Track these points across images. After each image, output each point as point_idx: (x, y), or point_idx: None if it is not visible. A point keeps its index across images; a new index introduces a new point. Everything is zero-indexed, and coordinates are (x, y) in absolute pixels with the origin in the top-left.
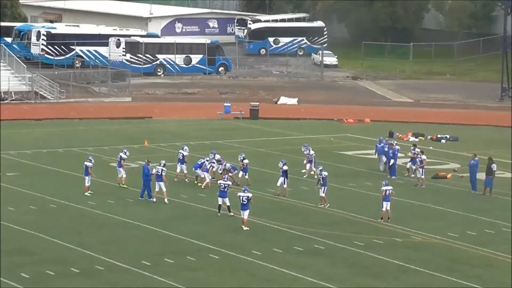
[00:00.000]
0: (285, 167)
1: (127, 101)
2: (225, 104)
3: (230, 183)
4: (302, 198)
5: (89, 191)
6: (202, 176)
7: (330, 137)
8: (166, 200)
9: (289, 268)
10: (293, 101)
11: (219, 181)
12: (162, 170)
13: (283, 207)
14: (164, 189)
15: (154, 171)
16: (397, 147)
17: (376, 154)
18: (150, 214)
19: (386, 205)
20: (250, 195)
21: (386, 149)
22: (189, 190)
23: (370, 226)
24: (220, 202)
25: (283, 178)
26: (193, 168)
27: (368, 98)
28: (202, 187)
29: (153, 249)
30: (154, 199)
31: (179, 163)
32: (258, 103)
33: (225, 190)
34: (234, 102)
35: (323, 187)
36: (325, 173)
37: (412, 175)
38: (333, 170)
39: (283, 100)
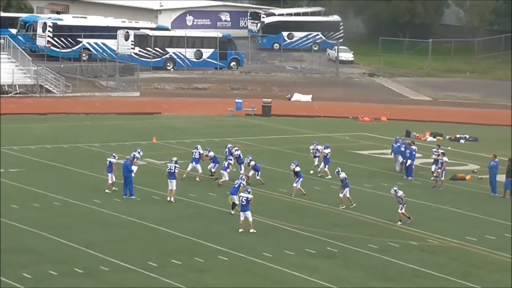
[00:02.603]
0: (298, 168)
1: (135, 96)
2: (237, 100)
3: (244, 182)
4: (315, 198)
5: (113, 187)
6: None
7: (345, 136)
8: (172, 198)
9: (301, 271)
10: (307, 98)
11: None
12: (175, 167)
13: (295, 208)
14: (174, 188)
15: (167, 168)
16: (414, 147)
17: (392, 154)
18: (158, 213)
19: (400, 208)
20: (250, 196)
21: (403, 149)
22: (199, 188)
23: (385, 228)
24: (235, 201)
25: (298, 179)
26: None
27: (385, 96)
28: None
29: (160, 250)
30: (136, 197)
31: (193, 162)
32: (270, 100)
33: (237, 187)
34: (245, 98)
35: (344, 189)
36: (342, 175)
37: (432, 178)
38: (348, 170)
39: (297, 96)
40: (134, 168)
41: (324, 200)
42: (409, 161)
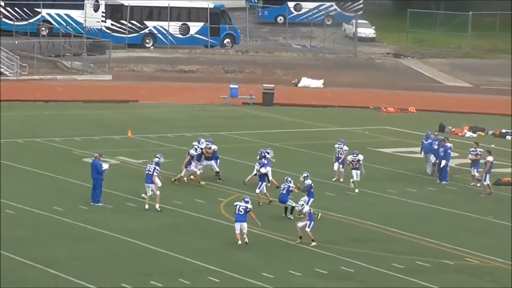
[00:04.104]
0: (308, 181)
1: (106, 80)
2: (231, 85)
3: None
4: (327, 206)
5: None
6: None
7: (364, 130)
8: (157, 206)
9: None
10: (318, 83)
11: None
12: (154, 169)
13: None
14: (158, 192)
15: (145, 169)
16: (450, 144)
17: (423, 153)
18: (134, 224)
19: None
20: (250, 206)
21: (436, 147)
22: (184, 194)
23: (414, 244)
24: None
25: (308, 198)
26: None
27: (414, 81)
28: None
29: (136, 269)
30: (105, 204)
31: (196, 160)
32: (273, 85)
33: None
34: (242, 83)
35: (308, 199)
36: (308, 182)
37: (478, 184)
38: (367, 172)
39: (305, 81)
40: (105, 166)
41: (339, 209)
42: (443, 162)
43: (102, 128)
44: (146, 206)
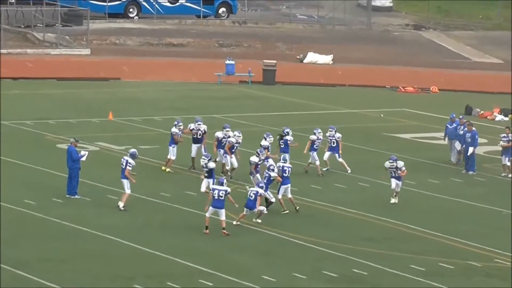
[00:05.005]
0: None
1: (84, 55)
2: (227, 61)
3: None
4: (336, 200)
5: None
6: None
7: (379, 113)
8: (121, 205)
9: None
10: (327, 59)
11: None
12: (126, 162)
13: (309, 213)
14: (128, 191)
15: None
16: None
17: (447, 139)
18: (115, 220)
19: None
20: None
21: (461, 132)
22: (173, 185)
23: (436, 243)
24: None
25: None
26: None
27: (436, 57)
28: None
29: (119, 271)
30: (82, 197)
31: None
32: (275, 61)
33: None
34: (240, 58)
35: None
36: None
37: (510, 175)
38: (383, 160)
39: (312, 57)
40: (85, 154)
41: (350, 203)
42: (470, 149)
43: (79, 110)
44: (121, 205)
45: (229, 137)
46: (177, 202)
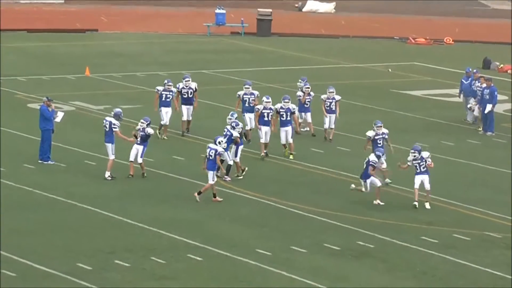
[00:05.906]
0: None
1: (57, 4)
2: (217, 10)
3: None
4: (339, 165)
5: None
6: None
7: (387, 67)
8: (107, 174)
9: (317, 277)
10: (328, 7)
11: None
12: (110, 124)
13: (309, 180)
14: (112, 156)
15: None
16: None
17: (462, 96)
18: (94, 188)
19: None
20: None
21: (479, 88)
22: (158, 149)
23: (449, 212)
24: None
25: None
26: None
27: (451, 4)
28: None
29: (97, 245)
30: (56, 162)
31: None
32: (270, 10)
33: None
34: (231, 7)
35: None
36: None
37: None
38: (391, 120)
39: (312, 5)
40: (60, 114)
41: (354, 168)
42: (488, 107)
43: (52, 65)
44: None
45: (251, 94)
46: (162, 168)
